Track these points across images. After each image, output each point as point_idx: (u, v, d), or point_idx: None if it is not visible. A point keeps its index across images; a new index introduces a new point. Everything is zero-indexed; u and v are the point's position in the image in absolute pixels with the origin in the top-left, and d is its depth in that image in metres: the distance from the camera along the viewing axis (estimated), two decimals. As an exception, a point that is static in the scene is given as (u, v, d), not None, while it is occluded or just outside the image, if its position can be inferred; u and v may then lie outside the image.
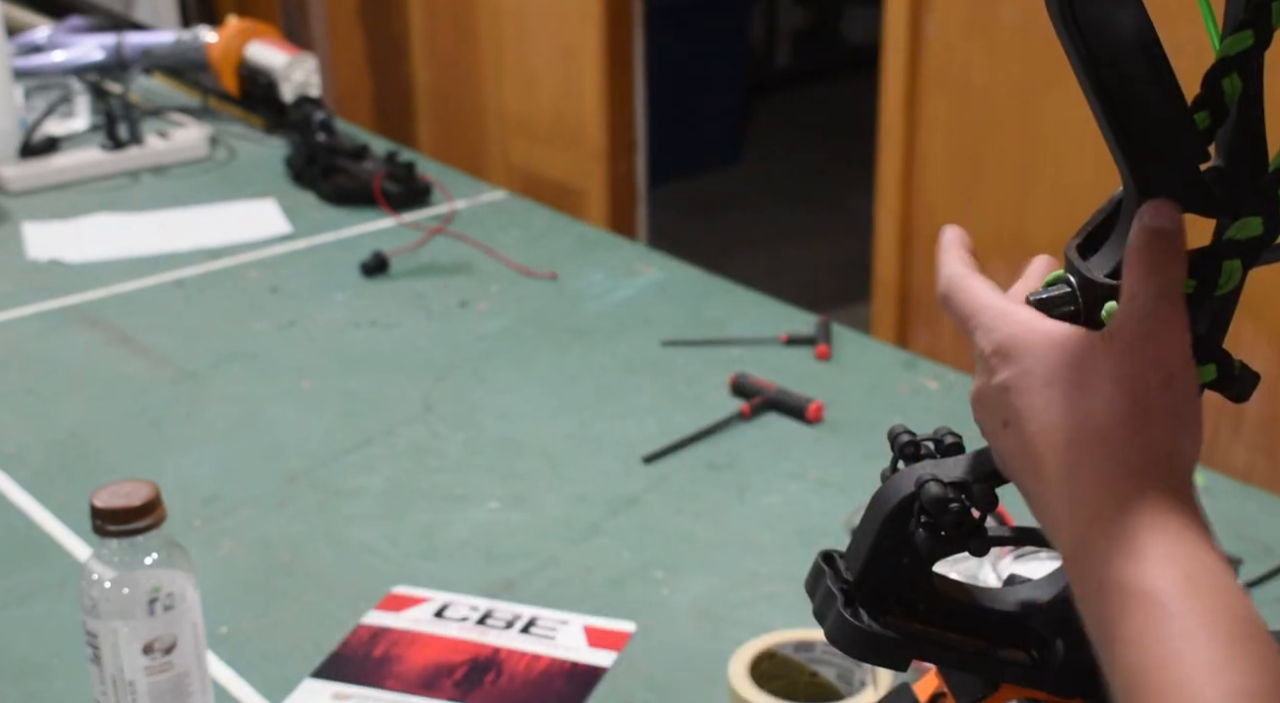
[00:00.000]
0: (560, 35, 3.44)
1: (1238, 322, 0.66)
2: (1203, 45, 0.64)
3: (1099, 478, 0.60)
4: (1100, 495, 0.60)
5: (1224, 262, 0.63)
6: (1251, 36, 0.61)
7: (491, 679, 1.24)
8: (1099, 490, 0.60)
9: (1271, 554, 1.38)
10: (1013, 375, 0.64)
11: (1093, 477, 0.60)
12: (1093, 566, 0.59)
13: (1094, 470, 0.60)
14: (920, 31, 2.64)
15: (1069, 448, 0.61)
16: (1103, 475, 0.60)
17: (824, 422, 1.64)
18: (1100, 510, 0.59)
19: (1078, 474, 0.61)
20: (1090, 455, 0.60)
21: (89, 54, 2.74)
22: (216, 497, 1.52)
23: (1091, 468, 0.60)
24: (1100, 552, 0.59)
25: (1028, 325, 0.64)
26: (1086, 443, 0.61)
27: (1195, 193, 0.63)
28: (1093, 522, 0.60)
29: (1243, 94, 0.62)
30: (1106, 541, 0.59)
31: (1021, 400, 0.63)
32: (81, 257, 2.12)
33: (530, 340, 1.86)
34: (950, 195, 2.70)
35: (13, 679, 1.25)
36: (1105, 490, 0.60)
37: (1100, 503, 0.60)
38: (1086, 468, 0.60)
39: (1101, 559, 0.59)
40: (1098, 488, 0.60)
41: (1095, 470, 0.60)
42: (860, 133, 3.78)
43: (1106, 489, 0.60)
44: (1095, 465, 0.60)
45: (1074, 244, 0.66)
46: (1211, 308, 0.64)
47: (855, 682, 1.15)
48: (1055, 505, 0.62)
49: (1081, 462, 0.61)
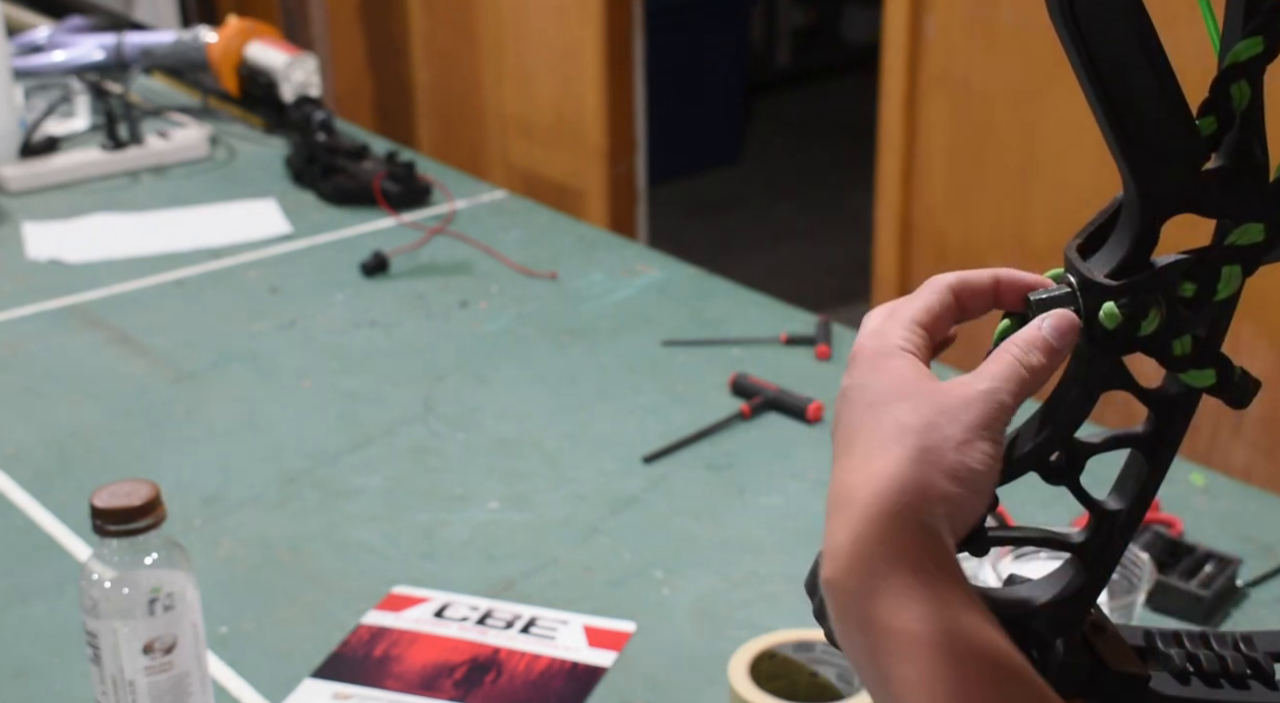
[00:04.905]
0: (560, 35, 3.44)
1: (1236, 322, 0.66)
2: (1203, 45, 0.64)
3: (867, 511, 0.60)
4: (864, 529, 0.60)
5: (1224, 267, 0.63)
6: (1262, 43, 0.61)
7: (491, 679, 1.24)
8: (863, 522, 0.60)
9: (1271, 554, 1.38)
10: (850, 384, 0.64)
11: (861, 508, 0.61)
12: (851, 598, 0.60)
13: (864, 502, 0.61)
14: (920, 31, 2.64)
15: (852, 472, 0.62)
16: (871, 510, 0.60)
17: (824, 422, 1.64)
18: (862, 546, 0.60)
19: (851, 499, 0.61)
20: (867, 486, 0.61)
21: (89, 54, 2.74)
22: (216, 497, 1.52)
23: (863, 498, 0.61)
24: (859, 588, 0.60)
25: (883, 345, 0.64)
26: (868, 472, 0.61)
27: (1195, 193, 0.63)
28: (853, 554, 0.60)
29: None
30: (865, 578, 0.60)
31: (845, 410, 0.64)
32: (81, 257, 2.12)
33: (530, 340, 1.86)
34: (950, 195, 2.70)
35: (13, 679, 1.25)
36: (869, 525, 0.60)
37: (863, 537, 0.60)
38: (857, 496, 0.61)
39: (860, 595, 0.60)
40: (863, 520, 0.60)
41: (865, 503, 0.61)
42: (860, 133, 3.78)
43: (871, 524, 0.60)
44: (867, 497, 0.61)
45: (1074, 244, 0.66)
46: (1210, 312, 0.64)
47: (855, 682, 1.15)
48: (830, 522, 0.62)
49: (856, 488, 0.61)
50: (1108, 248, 0.65)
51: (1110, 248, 0.65)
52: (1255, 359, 2.24)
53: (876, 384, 0.63)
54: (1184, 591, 1.29)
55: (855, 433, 0.63)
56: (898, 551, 0.59)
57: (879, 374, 0.63)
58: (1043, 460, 0.66)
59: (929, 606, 0.58)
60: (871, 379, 0.63)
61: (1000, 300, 0.67)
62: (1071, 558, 0.68)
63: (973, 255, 2.66)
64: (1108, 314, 0.63)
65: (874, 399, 0.63)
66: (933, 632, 0.58)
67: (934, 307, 0.66)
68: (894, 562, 0.59)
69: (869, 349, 0.64)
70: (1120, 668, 0.68)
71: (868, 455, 0.61)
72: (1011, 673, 0.59)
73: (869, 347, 0.65)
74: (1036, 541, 0.69)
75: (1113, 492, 0.68)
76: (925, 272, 2.74)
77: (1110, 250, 0.64)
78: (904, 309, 0.66)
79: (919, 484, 0.60)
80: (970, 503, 0.62)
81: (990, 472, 0.62)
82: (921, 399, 0.62)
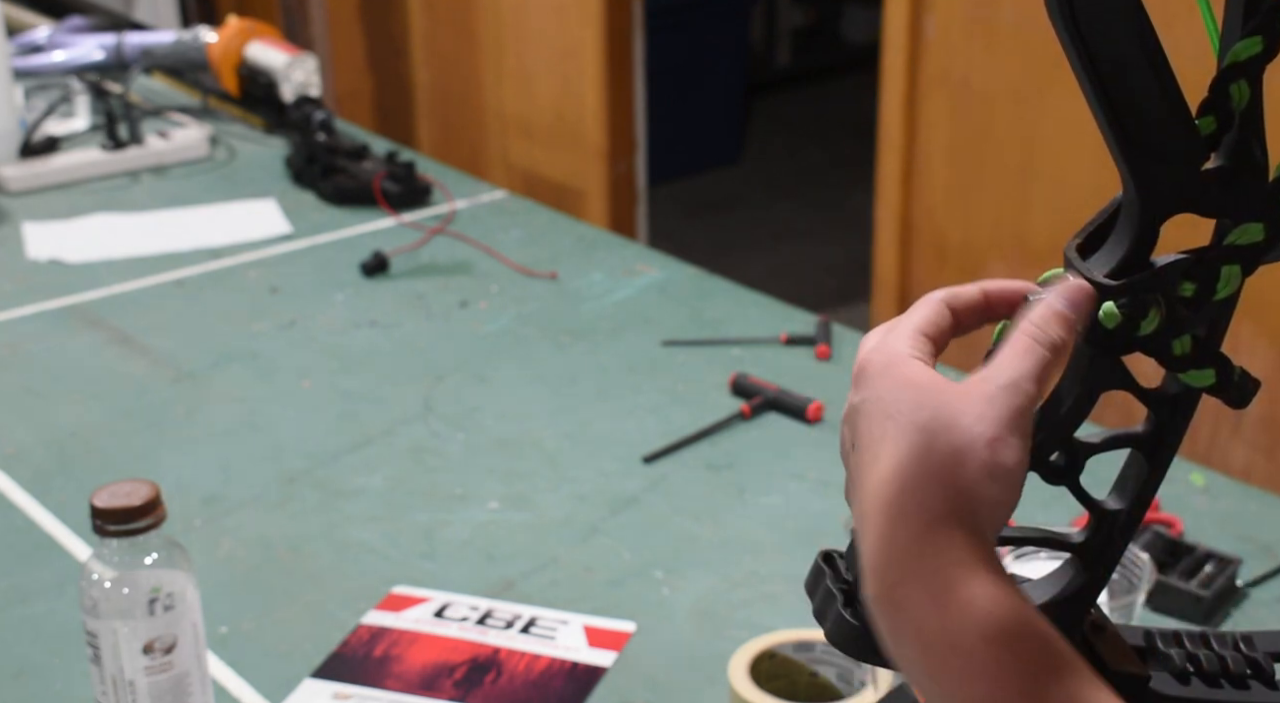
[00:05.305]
0: (560, 35, 3.44)
1: (1236, 322, 0.66)
2: (1203, 45, 0.64)
3: (907, 521, 0.60)
4: (908, 540, 0.59)
5: (1223, 266, 0.63)
6: (1261, 43, 0.61)
7: (491, 679, 1.24)
8: (906, 534, 0.60)
9: (1271, 554, 1.38)
10: (862, 398, 0.63)
11: (901, 519, 0.60)
12: (906, 613, 0.59)
13: (903, 512, 0.60)
14: (920, 31, 2.64)
15: (885, 483, 0.61)
16: (911, 520, 0.59)
17: (824, 422, 1.64)
18: (908, 557, 0.59)
19: (889, 512, 0.60)
20: (904, 496, 0.60)
21: (89, 54, 2.74)
22: (216, 497, 1.52)
23: (901, 508, 0.60)
24: (914, 600, 0.59)
25: (891, 355, 0.63)
26: (902, 482, 0.60)
27: (1195, 193, 0.63)
28: (903, 565, 0.59)
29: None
30: (919, 589, 0.59)
31: (863, 424, 0.63)
32: (81, 257, 2.12)
33: (530, 340, 1.86)
34: (950, 195, 2.70)
35: (13, 679, 1.25)
36: (913, 536, 0.59)
37: (908, 549, 0.59)
38: (895, 508, 0.60)
39: (916, 607, 0.59)
40: (905, 531, 0.60)
41: (905, 513, 0.60)
42: (860, 133, 3.78)
43: (915, 535, 0.59)
44: (906, 506, 0.60)
45: (1074, 244, 0.66)
46: (1209, 312, 0.64)
47: (855, 682, 1.15)
48: (868, 539, 0.61)
49: (893, 500, 0.60)
50: (1107, 248, 0.65)
51: (1110, 248, 0.65)
52: (1255, 359, 2.24)
53: (891, 394, 0.62)
54: (1184, 591, 1.29)
55: (878, 444, 0.61)
56: (950, 556, 0.59)
57: (893, 384, 0.62)
58: (1043, 461, 0.66)
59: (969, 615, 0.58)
60: (885, 390, 0.62)
61: (992, 311, 0.66)
62: (1071, 558, 0.68)
63: (973, 255, 2.66)
64: (1107, 314, 0.63)
65: (891, 410, 0.61)
66: (971, 639, 0.57)
67: (933, 319, 0.65)
68: (936, 570, 0.59)
69: (877, 362, 0.63)
70: (1120, 668, 0.68)
71: (897, 464, 0.60)
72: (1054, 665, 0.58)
73: (876, 360, 0.63)
74: (1036, 541, 0.69)
75: (1113, 492, 0.68)
76: (925, 272, 2.74)
77: (1110, 250, 0.64)
78: (904, 323, 0.65)
79: (953, 488, 0.59)
80: (1007, 499, 0.60)
81: (1023, 465, 0.60)
82: (943, 403, 0.60)
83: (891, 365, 0.63)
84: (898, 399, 0.61)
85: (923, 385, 0.61)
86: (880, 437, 0.61)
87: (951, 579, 0.58)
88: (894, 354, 0.63)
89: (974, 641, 0.58)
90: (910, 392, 0.61)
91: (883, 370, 0.63)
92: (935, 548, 0.59)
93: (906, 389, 0.61)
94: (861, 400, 0.63)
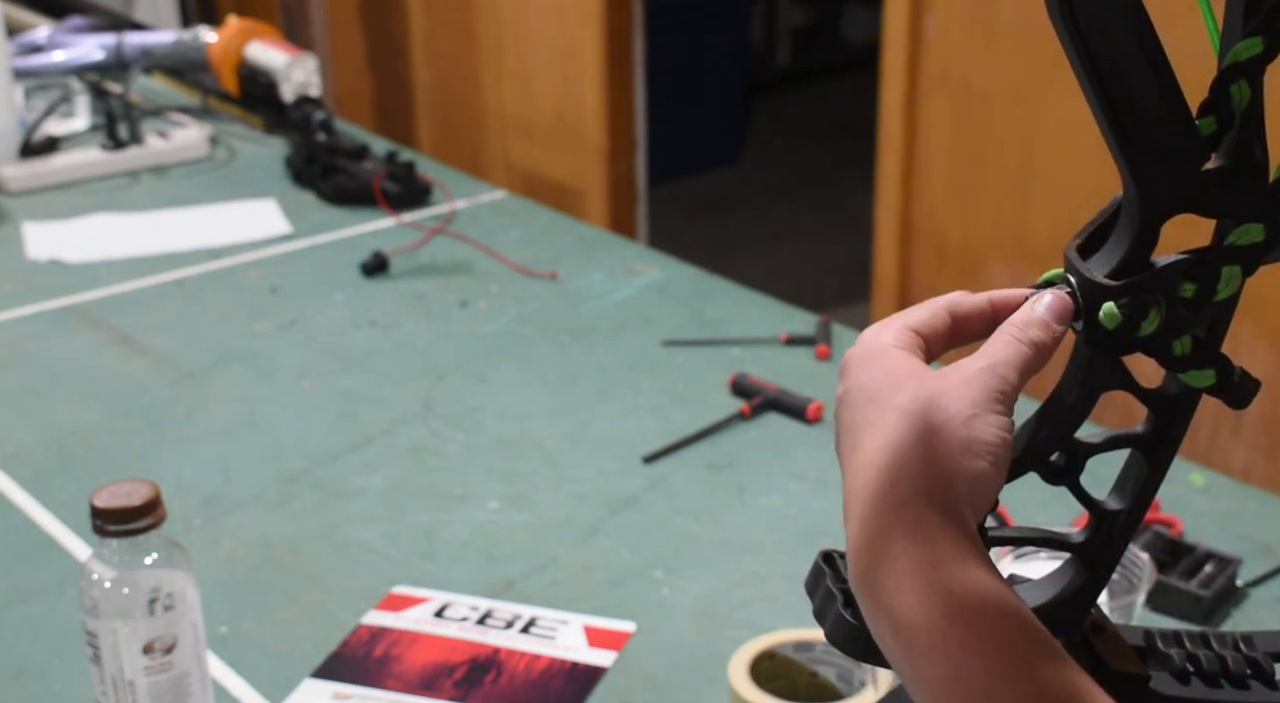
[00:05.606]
0: (560, 35, 3.44)
1: (1236, 322, 0.66)
2: (1203, 45, 0.64)
3: (881, 503, 0.60)
4: (882, 522, 0.60)
5: (1223, 267, 0.63)
6: (1261, 43, 0.61)
7: (491, 679, 1.24)
8: (880, 516, 0.60)
9: (1271, 554, 1.38)
10: (845, 389, 0.64)
11: (876, 501, 0.60)
12: (879, 596, 0.59)
13: (879, 494, 0.60)
14: (920, 31, 2.64)
15: (865, 467, 0.61)
16: (886, 501, 0.60)
17: (824, 422, 1.64)
18: (881, 537, 0.59)
19: (866, 494, 0.61)
20: (880, 478, 0.60)
21: (89, 54, 2.74)
22: (216, 497, 1.52)
23: (878, 490, 0.60)
24: (886, 581, 0.59)
25: (874, 346, 0.64)
26: (880, 464, 0.60)
27: (1195, 193, 0.63)
28: (876, 546, 0.59)
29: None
30: (889, 569, 0.59)
31: (845, 414, 0.63)
32: (81, 257, 2.12)
33: (530, 340, 1.86)
34: (950, 195, 2.70)
35: (13, 679, 1.25)
36: (888, 518, 0.60)
37: (881, 530, 0.60)
38: (871, 490, 0.60)
39: (887, 587, 0.59)
40: (880, 514, 0.60)
41: (881, 494, 0.60)
42: (860, 133, 3.78)
43: (889, 517, 0.60)
44: (882, 488, 0.60)
45: (1074, 244, 0.66)
46: (1210, 313, 0.64)
47: (855, 682, 1.15)
48: (850, 524, 0.62)
49: (870, 482, 0.61)
50: (1107, 248, 0.65)
51: (1110, 248, 0.65)
52: (1255, 359, 2.24)
53: (872, 380, 0.63)
54: (1184, 591, 1.29)
55: (859, 431, 0.62)
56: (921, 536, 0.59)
57: (874, 371, 0.63)
58: (1043, 461, 0.66)
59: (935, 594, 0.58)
60: (867, 377, 0.63)
61: (997, 321, 0.66)
62: (1071, 558, 0.68)
63: (973, 255, 2.66)
64: (1107, 314, 0.63)
65: (872, 395, 0.62)
66: (941, 621, 0.57)
67: (927, 318, 0.65)
68: (905, 548, 0.59)
69: (859, 354, 0.64)
70: (1120, 668, 0.68)
71: (876, 448, 0.61)
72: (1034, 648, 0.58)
73: (859, 352, 0.64)
74: (1036, 541, 0.69)
75: (1113, 492, 0.68)
76: (925, 272, 2.74)
77: (1110, 250, 0.64)
78: (895, 319, 0.66)
79: (929, 466, 0.60)
80: (989, 475, 0.60)
81: (1004, 443, 0.61)
82: (920, 385, 0.61)
83: (873, 355, 0.64)
84: (878, 386, 0.62)
85: (902, 372, 0.62)
86: (862, 423, 0.62)
87: (919, 558, 0.58)
88: (877, 345, 0.64)
89: (937, 619, 0.57)
90: (890, 378, 0.62)
91: (864, 360, 0.64)
92: (906, 528, 0.59)
93: (886, 376, 0.62)
94: (845, 391, 0.64)
